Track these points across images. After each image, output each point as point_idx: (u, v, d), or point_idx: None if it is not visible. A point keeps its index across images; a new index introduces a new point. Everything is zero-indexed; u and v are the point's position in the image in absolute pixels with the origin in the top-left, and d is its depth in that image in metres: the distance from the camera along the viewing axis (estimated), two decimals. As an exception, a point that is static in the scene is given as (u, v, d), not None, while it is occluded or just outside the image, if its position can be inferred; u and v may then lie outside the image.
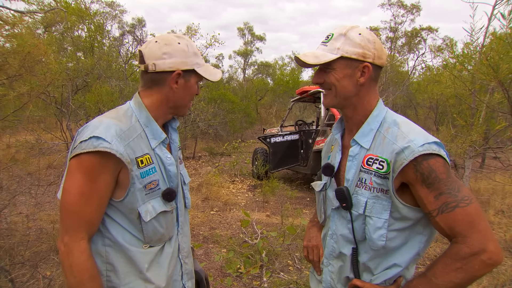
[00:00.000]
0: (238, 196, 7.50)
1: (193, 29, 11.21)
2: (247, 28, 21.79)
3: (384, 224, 1.17)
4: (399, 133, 1.16)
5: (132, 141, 1.18)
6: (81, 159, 1.11)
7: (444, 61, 5.73)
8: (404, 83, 12.86)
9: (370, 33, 1.23)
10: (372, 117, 1.24)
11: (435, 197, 1.08)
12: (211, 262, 4.19)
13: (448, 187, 1.07)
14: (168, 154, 1.31)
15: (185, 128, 11.23)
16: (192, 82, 1.32)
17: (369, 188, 1.19)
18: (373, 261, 1.22)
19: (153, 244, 1.27)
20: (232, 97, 13.47)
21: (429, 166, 1.08)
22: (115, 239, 1.20)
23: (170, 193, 1.27)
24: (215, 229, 5.41)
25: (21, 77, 3.80)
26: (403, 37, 14.92)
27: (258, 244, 3.11)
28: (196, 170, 9.63)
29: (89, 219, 1.13)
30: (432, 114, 9.97)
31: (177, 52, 1.26)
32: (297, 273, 3.80)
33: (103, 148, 1.09)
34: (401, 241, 1.18)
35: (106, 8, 12.60)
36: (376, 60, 1.21)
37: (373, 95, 1.26)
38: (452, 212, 1.06)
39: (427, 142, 1.09)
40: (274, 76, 21.81)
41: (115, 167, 1.13)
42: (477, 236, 1.03)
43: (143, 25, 15.51)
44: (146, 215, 1.21)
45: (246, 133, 15.54)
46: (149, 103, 1.29)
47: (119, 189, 1.18)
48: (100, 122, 1.16)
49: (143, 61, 1.26)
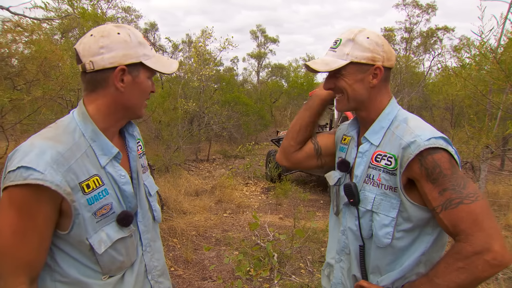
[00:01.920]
0: (252, 199, 7.51)
1: (207, 32, 11.29)
2: (260, 30, 21.84)
3: (391, 222, 1.16)
4: (406, 128, 1.16)
5: (74, 163, 1.00)
6: (10, 193, 0.94)
7: (460, 61, 5.63)
8: (419, 84, 12.66)
9: (377, 36, 1.23)
10: (384, 115, 1.25)
11: (439, 192, 1.06)
12: (222, 264, 4.20)
13: (453, 183, 1.06)
14: (122, 171, 1.12)
15: (199, 131, 11.31)
16: (141, 77, 1.11)
17: (377, 184, 1.19)
18: (381, 260, 1.21)
19: (112, 274, 1.11)
20: (246, 100, 13.50)
21: (433, 160, 1.07)
22: (66, 273, 1.04)
23: (125, 217, 1.11)
24: (227, 231, 5.43)
25: (38, 82, 3.90)
26: (419, 37, 14.67)
27: (267, 246, 3.11)
28: (210, 172, 9.68)
29: (28, 260, 0.96)
30: (448, 115, 9.78)
31: (117, 44, 1.05)
32: (309, 276, 3.78)
33: (34, 181, 0.91)
34: (408, 241, 1.17)
35: (122, 13, 12.80)
36: (385, 62, 1.22)
37: (385, 95, 1.27)
38: (455, 209, 1.04)
39: (434, 137, 1.09)
40: (288, 78, 21.78)
41: (53, 198, 0.96)
42: (481, 234, 1.00)
43: (155, 29, 15.71)
44: (100, 245, 1.05)
45: (261, 136, 15.55)
46: (95, 110, 1.09)
47: (64, 220, 1.00)
48: (31, 146, 0.97)
49: (79, 60, 1.06)
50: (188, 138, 10.61)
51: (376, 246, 1.20)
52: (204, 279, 3.91)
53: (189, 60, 12.48)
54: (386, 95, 1.27)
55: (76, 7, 6.87)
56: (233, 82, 16.99)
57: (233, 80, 17.11)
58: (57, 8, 6.91)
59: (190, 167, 10.02)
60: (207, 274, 4.01)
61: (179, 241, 4.83)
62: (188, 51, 14.88)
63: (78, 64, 1.08)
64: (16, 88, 4.21)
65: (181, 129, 10.39)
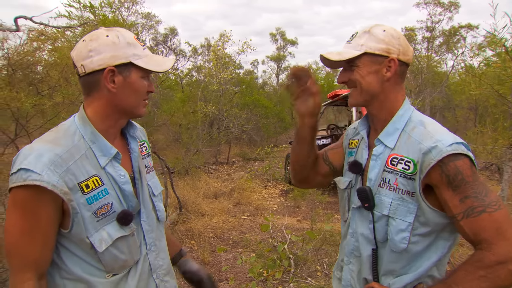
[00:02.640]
0: (270, 201, 7.51)
1: (226, 36, 11.40)
2: (279, 33, 21.84)
3: (408, 227, 1.13)
4: (425, 132, 1.12)
5: (73, 164, 1.04)
6: (14, 194, 1.00)
7: (484, 60, 5.44)
8: (442, 84, 12.34)
9: (394, 30, 1.21)
10: (398, 116, 1.21)
11: (461, 200, 1.03)
12: (238, 266, 4.22)
13: (475, 190, 1.03)
14: (121, 171, 1.15)
15: (219, 134, 11.40)
16: (133, 77, 1.12)
17: (393, 188, 1.15)
18: (395, 264, 1.18)
19: (116, 272, 1.14)
20: (265, 102, 13.53)
21: (456, 167, 1.04)
22: (71, 271, 1.09)
23: (125, 216, 1.13)
24: (245, 233, 5.45)
25: (60, 88, 4.04)
26: (441, 36, 14.31)
27: (279, 248, 3.11)
28: (229, 175, 9.75)
29: (34, 258, 1.02)
30: (472, 115, 9.49)
31: (105, 46, 1.08)
32: (325, 279, 3.75)
33: (31, 182, 0.96)
34: (424, 245, 1.14)
35: (142, 19, 13.08)
36: (401, 56, 1.18)
37: (399, 93, 1.23)
38: (478, 217, 1.01)
39: (456, 142, 1.06)
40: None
41: (54, 198, 1.00)
42: (504, 243, 0.98)
43: (175, 34, 15.96)
44: (101, 244, 1.08)
45: (281, 138, 15.53)
46: (93, 113, 1.13)
47: (66, 219, 1.05)
48: (31, 150, 1.02)
49: (74, 65, 1.11)
50: (208, 141, 10.72)
51: (390, 250, 1.18)
52: (220, 280, 3.94)
53: (208, 63, 12.62)
54: (400, 94, 1.23)
55: (97, 14, 7.09)
56: (253, 85, 17.04)
57: (253, 83, 17.17)
58: (80, 16, 7.14)
59: (210, 169, 10.12)
60: (223, 275, 4.04)
61: (197, 243, 4.88)
62: (207, 54, 15.05)
63: (74, 69, 1.12)
64: (41, 93, 4.38)
65: (201, 132, 10.52)
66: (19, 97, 3.17)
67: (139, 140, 1.31)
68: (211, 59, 11.50)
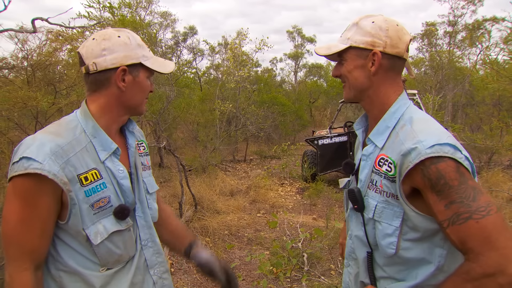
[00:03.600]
0: (286, 199, 7.48)
1: (243, 34, 11.40)
2: (297, 30, 21.67)
3: (395, 231, 1.07)
4: (410, 131, 1.05)
5: (73, 156, 1.06)
6: (14, 183, 1.01)
7: (510, 53, 5.25)
8: (464, 80, 11.95)
9: (385, 21, 1.13)
10: (390, 113, 1.14)
11: (446, 206, 0.94)
12: (251, 264, 4.22)
13: (461, 195, 0.93)
14: (120, 167, 1.17)
15: (236, 132, 11.43)
16: (141, 77, 1.18)
17: (379, 191, 1.10)
18: (390, 269, 1.13)
19: (110, 267, 1.15)
20: (283, 100, 13.46)
21: (437, 171, 0.95)
22: (66, 263, 1.10)
23: (121, 211, 1.14)
24: (260, 231, 5.44)
25: (77, 87, 4.14)
26: (463, 30, 13.84)
27: (287, 245, 3.08)
28: (246, 173, 9.77)
29: (31, 247, 1.03)
30: (495, 112, 9.17)
31: (118, 46, 1.13)
32: (339, 278, 3.70)
33: (33, 170, 0.98)
34: (419, 252, 1.06)
35: (159, 18, 13.21)
36: (388, 49, 1.11)
37: (391, 88, 1.16)
38: (463, 225, 0.91)
39: (439, 143, 0.96)
40: (326, 78, 21.44)
41: (53, 188, 1.02)
42: (493, 254, 0.87)
43: (194, 33, 16.05)
44: (96, 236, 1.09)
45: (299, 136, 15.43)
46: (96, 109, 1.16)
47: (63, 210, 1.06)
48: (33, 140, 1.04)
49: (83, 62, 1.13)
50: (225, 139, 10.76)
51: (382, 255, 1.13)
52: (233, 277, 3.95)
53: (226, 61, 12.66)
54: (392, 88, 1.16)
55: (116, 14, 7.22)
56: (271, 82, 16.99)
57: (270, 81, 17.13)
58: (99, 17, 7.28)
59: (227, 167, 10.16)
60: (236, 272, 4.05)
61: (211, 240, 4.91)
62: (224, 53, 15.09)
63: (81, 66, 1.15)
64: (60, 93, 4.50)
65: (219, 130, 10.57)
66: (35, 96, 3.25)
67: (137, 140, 1.33)
68: (228, 57, 11.52)
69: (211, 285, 3.80)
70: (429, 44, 14.60)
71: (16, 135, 4.03)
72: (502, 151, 4.65)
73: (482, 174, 7.52)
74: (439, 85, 11.68)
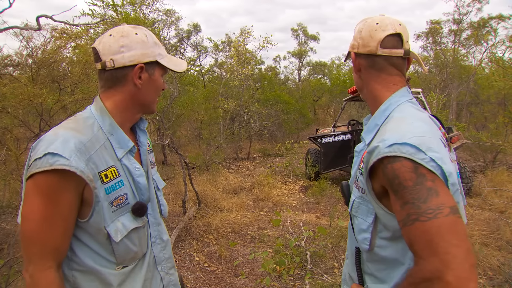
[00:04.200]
0: (289, 197, 7.47)
1: (247, 31, 11.38)
2: (301, 28, 21.60)
3: (368, 227, 1.09)
4: (383, 130, 1.07)
5: (94, 153, 1.06)
6: (37, 179, 0.98)
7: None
8: (469, 78, 11.87)
9: (364, 23, 1.18)
10: (379, 111, 1.16)
11: (401, 206, 0.92)
12: (254, 261, 4.22)
13: (413, 196, 0.90)
14: (136, 165, 1.18)
15: (240, 130, 11.43)
16: (156, 75, 1.19)
17: (358, 186, 1.16)
18: (372, 265, 1.14)
19: (126, 264, 1.16)
20: (286, 98, 13.44)
21: (393, 170, 0.94)
22: (83, 262, 1.09)
23: (140, 208, 1.16)
24: (263, 229, 5.45)
25: (81, 84, 4.16)
26: (469, 29, 13.74)
27: (290, 244, 3.08)
28: (249, 171, 9.76)
29: (55, 245, 1.02)
30: (500, 110, 9.11)
31: (136, 43, 1.13)
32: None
33: (60, 166, 0.96)
34: (393, 252, 1.05)
35: (163, 16, 13.17)
36: (360, 49, 1.18)
37: (380, 86, 1.17)
38: (411, 226, 0.89)
39: (398, 143, 0.95)
40: (330, 76, 21.39)
41: (77, 185, 1.01)
42: (433, 260, 0.83)
43: (198, 30, 16.01)
44: (117, 234, 1.10)
45: (303, 134, 15.42)
46: (112, 106, 1.15)
47: (84, 208, 1.06)
48: (55, 135, 1.02)
49: (99, 58, 1.12)
50: (229, 136, 10.76)
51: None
52: (236, 275, 3.96)
53: (229, 59, 12.65)
54: (381, 86, 1.17)
55: (120, 12, 7.22)
56: (275, 80, 16.97)
57: (274, 79, 17.10)
58: (103, 14, 7.29)
59: (231, 165, 10.17)
60: (240, 270, 4.06)
61: (214, 238, 4.92)
62: (228, 50, 15.07)
63: (96, 62, 1.14)
64: (64, 90, 4.51)
65: (222, 128, 10.57)
66: (41, 93, 3.27)
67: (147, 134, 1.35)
68: (232, 55, 11.51)
69: (214, 282, 3.81)
70: (434, 43, 14.53)
71: (21, 132, 4.05)
72: (508, 149, 4.61)
73: (487, 173, 7.49)
74: (444, 84, 11.62)
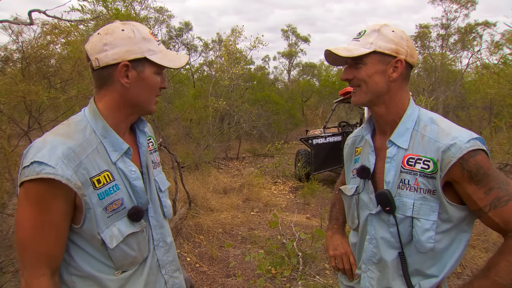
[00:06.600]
0: (279, 198, 7.48)
1: (238, 31, 11.35)
2: (291, 29, 21.68)
3: (432, 225, 1.14)
4: (439, 130, 1.15)
5: (85, 158, 1.03)
6: (26, 188, 0.97)
7: (502, 58, 5.33)
8: (456, 83, 12.10)
9: (403, 32, 1.22)
10: (407, 116, 1.22)
11: (485, 193, 1.07)
12: (246, 262, 4.21)
13: (497, 181, 1.08)
14: (132, 167, 1.14)
15: (229, 129, 11.40)
16: (147, 73, 1.11)
17: (414, 189, 1.16)
18: (421, 264, 1.19)
19: (125, 269, 1.14)
20: (276, 98, 13.47)
21: (476, 162, 1.07)
22: (80, 267, 1.07)
23: (136, 212, 1.12)
24: (254, 229, 5.44)
25: (72, 81, 4.08)
26: (456, 34, 14.00)
27: (287, 245, 3.09)
28: (239, 171, 9.75)
29: (47, 252, 1.01)
30: (486, 115, 9.29)
31: (120, 40, 1.07)
32: (334, 277, 3.72)
33: (46, 175, 0.95)
34: (447, 242, 1.16)
35: (155, 13, 13.05)
36: (408, 58, 1.19)
37: (405, 93, 1.24)
38: (506, 206, 1.06)
39: (473, 138, 1.09)
40: (319, 77, 21.52)
41: (66, 192, 0.99)
42: None
43: (189, 29, 15.92)
44: (112, 240, 1.07)
45: (291, 134, 15.47)
46: (104, 107, 1.11)
47: (77, 214, 1.03)
48: (44, 143, 1.00)
49: (88, 58, 1.09)
50: (218, 136, 10.72)
51: (416, 251, 1.18)
52: (228, 276, 3.94)
53: (220, 59, 12.60)
54: (405, 95, 1.24)
55: (110, 8, 7.11)
56: (264, 80, 16.98)
57: (264, 79, 17.11)
58: (93, 10, 7.18)
59: (220, 165, 10.13)
60: (231, 271, 4.04)
61: (205, 238, 4.89)
62: (218, 50, 15.02)
63: (88, 62, 1.11)
64: (54, 87, 4.42)
65: (212, 127, 10.52)
66: (36, 90, 3.20)
67: (147, 135, 1.29)
68: (223, 54, 11.47)
69: (206, 283, 3.79)
70: (423, 46, 14.76)
71: (10, 129, 3.96)
72: (494, 154, 4.73)
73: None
74: (432, 87, 11.81)
